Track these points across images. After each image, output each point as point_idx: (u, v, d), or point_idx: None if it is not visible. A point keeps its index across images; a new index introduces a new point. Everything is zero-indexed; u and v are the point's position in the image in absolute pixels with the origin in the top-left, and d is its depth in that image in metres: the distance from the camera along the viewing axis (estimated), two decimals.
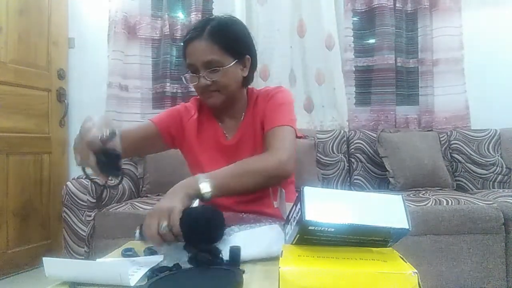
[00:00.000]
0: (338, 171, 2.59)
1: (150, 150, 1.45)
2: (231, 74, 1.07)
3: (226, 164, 1.10)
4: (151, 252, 0.82)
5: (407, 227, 0.54)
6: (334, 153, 2.62)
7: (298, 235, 0.56)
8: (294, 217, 0.58)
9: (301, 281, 0.46)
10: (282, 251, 0.54)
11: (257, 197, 1.11)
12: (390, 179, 2.46)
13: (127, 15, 2.90)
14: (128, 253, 0.82)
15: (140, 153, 1.01)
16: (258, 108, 1.15)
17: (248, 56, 1.12)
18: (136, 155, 1.10)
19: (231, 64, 1.06)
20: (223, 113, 1.17)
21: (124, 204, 2.20)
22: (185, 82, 1.14)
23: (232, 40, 1.07)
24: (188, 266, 0.69)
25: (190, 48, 1.08)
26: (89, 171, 0.82)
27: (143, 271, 0.69)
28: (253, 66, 1.15)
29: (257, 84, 2.41)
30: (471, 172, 2.57)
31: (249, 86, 1.21)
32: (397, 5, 2.85)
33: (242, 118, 1.16)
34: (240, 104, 1.17)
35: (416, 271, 0.46)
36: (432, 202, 2.05)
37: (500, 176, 2.52)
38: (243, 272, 0.71)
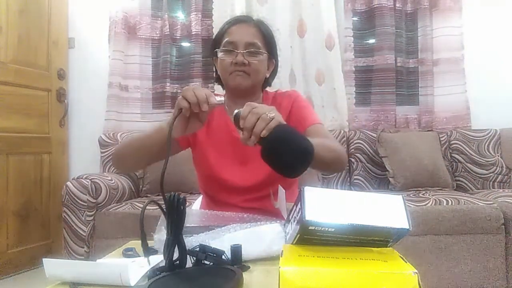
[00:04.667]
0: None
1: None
2: (263, 64, 1.15)
3: (234, 158, 1.12)
4: (151, 252, 0.82)
5: (407, 227, 0.55)
6: None
7: (298, 235, 0.56)
8: (295, 217, 0.58)
9: (301, 281, 0.46)
10: (282, 251, 0.54)
11: (261, 196, 1.11)
12: (390, 179, 2.46)
13: (127, 15, 2.90)
14: (128, 253, 0.82)
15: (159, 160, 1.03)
16: (278, 106, 1.18)
17: (274, 60, 1.20)
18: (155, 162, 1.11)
19: (266, 56, 1.15)
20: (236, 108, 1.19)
21: (124, 204, 2.20)
22: (216, 56, 1.16)
23: (272, 38, 1.18)
24: (188, 266, 0.69)
25: (236, 27, 1.14)
26: None
27: (143, 271, 0.69)
28: (274, 72, 1.23)
29: None
30: (471, 172, 2.57)
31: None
32: (397, 5, 2.85)
33: None
34: (256, 101, 1.19)
35: (416, 271, 0.46)
36: (432, 202, 2.05)
37: (500, 176, 2.52)
38: (248, 268, 0.71)
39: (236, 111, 0.81)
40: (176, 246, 0.65)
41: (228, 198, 1.14)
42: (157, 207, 0.68)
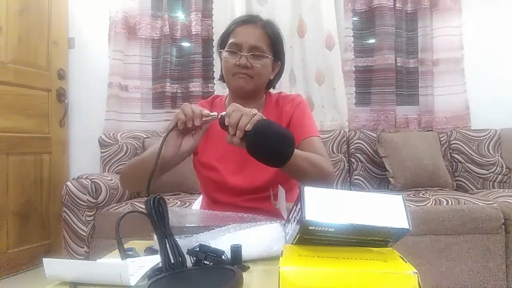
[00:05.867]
0: (338, 171, 2.59)
1: None
2: (267, 67, 1.15)
3: (235, 160, 1.12)
4: (151, 252, 0.82)
5: (407, 227, 0.55)
6: (334, 153, 2.62)
7: (298, 235, 0.56)
8: (295, 217, 0.58)
9: (301, 281, 0.46)
10: (282, 250, 0.54)
11: (262, 197, 1.12)
12: (390, 179, 2.46)
13: (127, 15, 2.90)
14: (128, 253, 0.82)
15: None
16: (281, 109, 1.19)
17: (279, 62, 1.20)
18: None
19: (270, 59, 1.14)
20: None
21: (124, 204, 2.20)
22: (219, 57, 1.19)
23: (278, 40, 1.17)
24: (188, 266, 0.69)
25: (242, 29, 1.13)
26: None
27: (143, 271, 0.69)
28: (279, 74, 1.23)
29: None
30: (471, 172, 2.57)
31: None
32: (397, 5, 2.85)
33: None
34: (258, 103, 1.21)
35: (416, 271, 0.46)
36: (432, 202, 2.05)
37: (500, 176, 2.52)
38: (248, 268, 0.71)
39: (220, 114, 0.86)
40: (170, 247, 0.66)
41: (229, 199, 1.14)
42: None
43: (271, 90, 1.28)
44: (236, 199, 1.13)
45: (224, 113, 0.85)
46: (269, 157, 0.84)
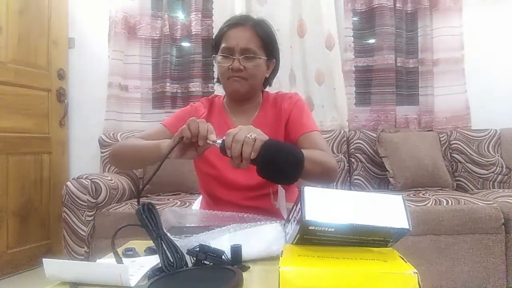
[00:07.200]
0: (338, 171, 2.59)
1: None
2: (260, 67, 1.15)
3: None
4: (151, 252, 0.82)
5: (407, 227, 0.55)
6: (334, 153, 2.62)
7: (298, 235, 0.56)
8: (295, 217, 0.58)
9: (301, 281, 0.46)
10: (282, 251, 0.54)
11: (262, 194, 1.12)
12: (390, 179, 2.46)
13: (127, 15, 2.90)
14: (128, 253, 0.82)
15: None
16: (279, 108, 1.20)
17: (274, 60, 1.21)
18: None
19: (263, 59, 1.15)
20: (236, 109, 1.21)
21: (124, 204, 2.20)
22: (214, 62, 1.22)
23: (270, 39, 1.18)
24: (188, 266, 0.69)
25: (232, 32, 1.15)
26: None
27: (143, 271, 0.69)
28: (274, 71, 1.24)
29: None
30: (471, 172, 2.57)
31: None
32: (397, 5, 2.85)
33: (255, 115, 1.21)
34: (256, 102, 1.22)
35: (416, 271, 0.46)
36: (432, 202, 2.05)
37: (500, 176, 2.52)
38: (248, 268, 0.71)
39: (219, 141, 0.86)
40: (167, 246, 0.66)
41: (229, 196, 1.15)
42: (158, 206, 0.69)
43: (269, 89, 1.29)
44: (236, 196, 1.13)
45: (224, 138, 0.84)
46: (282, 180, 0.86)
